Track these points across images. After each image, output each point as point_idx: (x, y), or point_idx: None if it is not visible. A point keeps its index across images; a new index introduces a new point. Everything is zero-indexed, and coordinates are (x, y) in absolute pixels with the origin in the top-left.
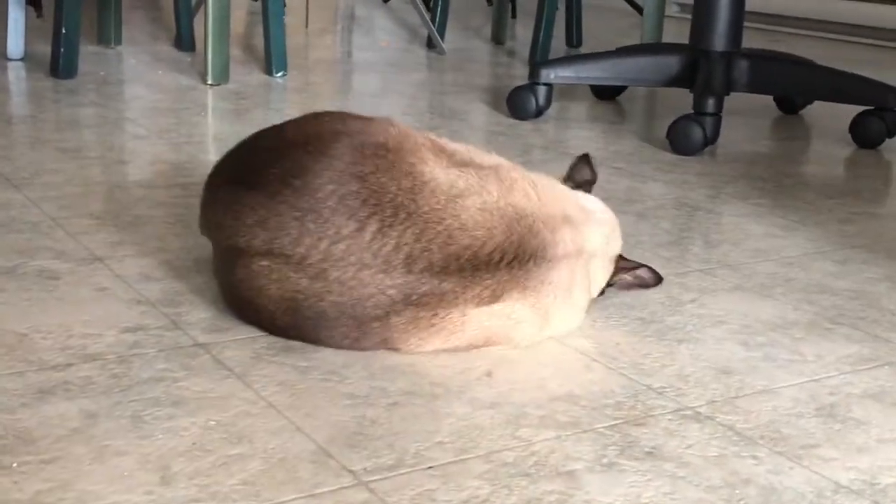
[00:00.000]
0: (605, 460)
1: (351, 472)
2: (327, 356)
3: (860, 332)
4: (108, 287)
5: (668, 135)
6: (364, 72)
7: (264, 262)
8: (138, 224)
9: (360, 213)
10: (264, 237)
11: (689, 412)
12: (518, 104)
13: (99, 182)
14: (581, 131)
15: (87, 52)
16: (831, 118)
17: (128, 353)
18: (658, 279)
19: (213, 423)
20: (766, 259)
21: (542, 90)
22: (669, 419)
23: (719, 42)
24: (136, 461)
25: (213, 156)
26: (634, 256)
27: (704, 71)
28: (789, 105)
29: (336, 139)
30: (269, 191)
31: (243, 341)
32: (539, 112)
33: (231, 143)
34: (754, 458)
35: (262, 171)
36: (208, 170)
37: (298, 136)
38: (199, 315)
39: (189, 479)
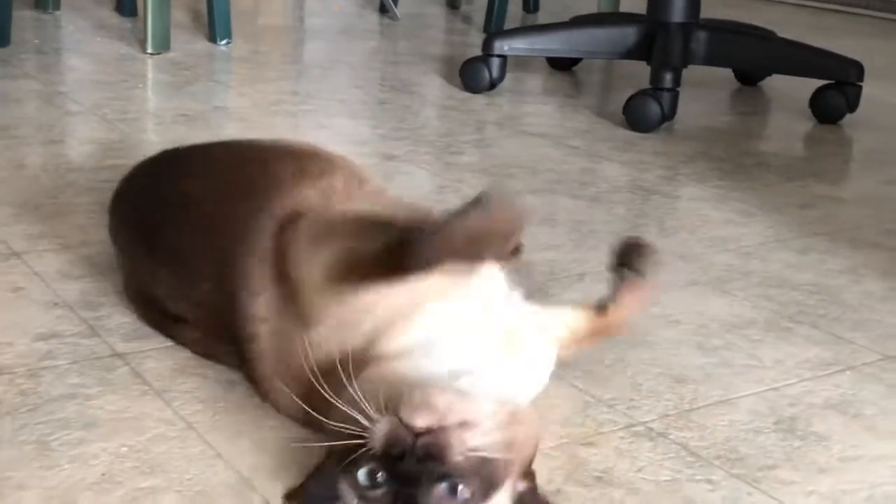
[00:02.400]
0: (550, 486)
1: None
2: None
3: (820, 332)
4: (23, 287)
5: (625, 111)
6: (314, 39)
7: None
8: (62, 213)
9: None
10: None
11: (641, 428)
12: (471, 76)
13: (25, 165)
14: (536, 106)
15: (23, 17)
16: (791, 91)
17: (39, 365)
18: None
19: (125, 448)
20: (724, 249)
21: (495, 62)
22: (621, 437)
23: (677, 13)
24: (38, 497)
25: (148, 133)
26: (588, 246)
27: (661, 44)
28: (748, 76)
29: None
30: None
31: (165, 350)
32: (493, 84)
33: (167, 120)
34: (709, 482)
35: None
36: (140, 150)
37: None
38: (120, 319)
39: None
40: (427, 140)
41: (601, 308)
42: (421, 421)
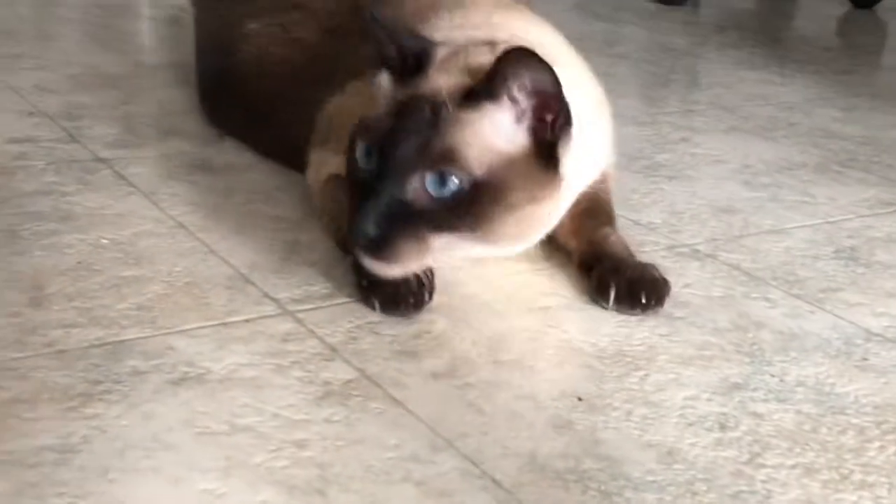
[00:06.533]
0: (587, 297)
1: (274, 300)
2: (256, 178)
3: (875, 177)
4: None
5: None
6: None
7: None
8: (44, 38)
9: None
10: None
11: (685, 249)
12: None
13: None
14: None
15: None
16: None
17: (11, 164)
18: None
19: (105, 241)
20: (765, 103)
21: None
22: (663, 255)
23: None
24: (3, 279)
25: None
26: (615, 95)
27: None
28: None
29: None
30: None
31: (154, 159)
32: None
33: None
34: (767, 300)
35: None
36: None
37: None
38: (104, 130)
39: (68, 301)
40: None
41: None
42: None
